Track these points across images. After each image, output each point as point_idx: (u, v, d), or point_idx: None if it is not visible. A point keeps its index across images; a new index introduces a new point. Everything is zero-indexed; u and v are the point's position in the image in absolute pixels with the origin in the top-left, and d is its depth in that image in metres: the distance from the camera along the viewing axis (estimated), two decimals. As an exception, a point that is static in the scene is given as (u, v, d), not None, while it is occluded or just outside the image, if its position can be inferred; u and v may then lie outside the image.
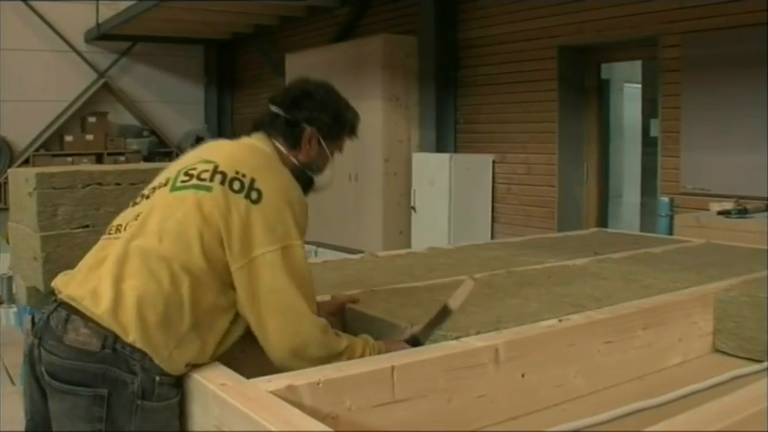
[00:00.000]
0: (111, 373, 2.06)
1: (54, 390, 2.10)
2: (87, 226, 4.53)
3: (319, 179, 2.66)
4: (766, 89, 6.23)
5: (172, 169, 2.42)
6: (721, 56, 6.63)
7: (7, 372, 4.97)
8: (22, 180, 3.87)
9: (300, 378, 1.95)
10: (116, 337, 2.07)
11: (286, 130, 2.53)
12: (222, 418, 1.88)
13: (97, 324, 2.09)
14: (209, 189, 2.24)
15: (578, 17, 7.91)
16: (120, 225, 2.34)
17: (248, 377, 1.99)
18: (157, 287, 2.12)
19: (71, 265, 2.47)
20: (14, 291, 5.71)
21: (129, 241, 2.22)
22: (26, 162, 13.08)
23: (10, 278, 6.87)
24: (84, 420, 2.06)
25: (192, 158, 2.42)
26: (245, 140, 2.55)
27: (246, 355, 2.53)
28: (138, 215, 2.30)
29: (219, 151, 2.44)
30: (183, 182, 2.30)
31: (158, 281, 2.13)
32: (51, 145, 13.72)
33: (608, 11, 7.60)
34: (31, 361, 2.20)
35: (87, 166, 6.20)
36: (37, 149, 13.49)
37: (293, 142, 2.53)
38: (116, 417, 2.06)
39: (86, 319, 2.10)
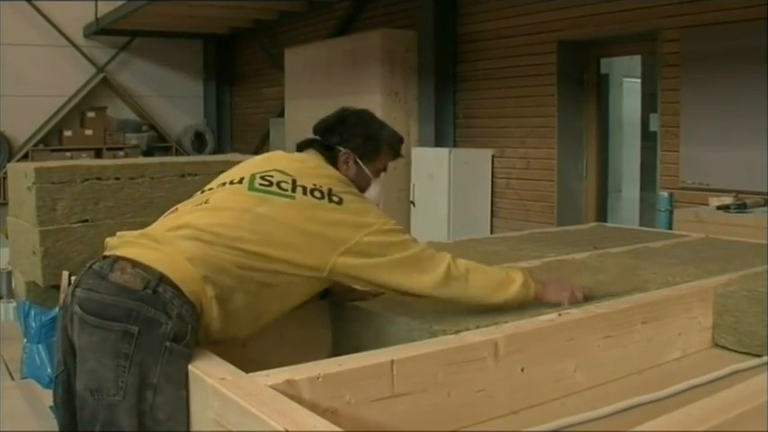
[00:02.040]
0: (147, 312, 2.10)
1: (85, 324, 2.13)
2: (86, 220, 4.53)
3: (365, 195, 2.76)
4: (766, 84, 6.23)
5: (240, 171, 2.55)
6: (721, 51, 6.63)
7: (6, 366, 4.97)
8: (21, 175, 3.87)
9: (300, 372, 1.95)
10: (160, 280, 2.14)
11: (324, 153, 2.72)
12: (222, 412, 1.88)
13: (145, 268, 2.16)
14: (292, 197, 2.38)
15: (577, 12, 7.91)
16: (177, 208, 2.46)
17: (248, 372, 1.99)
18: (213, 252, 2.23)
19: (70, 259, 2.47)
20: (14, 285, 5.70)
21: (189, 214, 2.36)
22: (25, 157, 13.09)
23: (9, 273, 6.87)
24: (110, 355, 2.08)
25: (262, 165, 2.56)
26: (307, 156, 2.74)
27: (246, 349, 2.53)
28: (205, 200, 2.42)
29: (291, 163, 2.57)
30: (262, 185, 2.42)
31: (216, 253, 2.24)
32: (50, 140, 13.72)
33: (607, 5, 7.60)
34: (65, 310, 2.25)
35: (86, 161, 6.20)
36: (36, 144, 13.50)
37: (332, 164, 2.68)
38: (142, 356, 2.08)
39: (135, 263, 2.17)
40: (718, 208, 5.79)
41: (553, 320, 2.45)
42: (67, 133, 13.73)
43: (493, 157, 9.05)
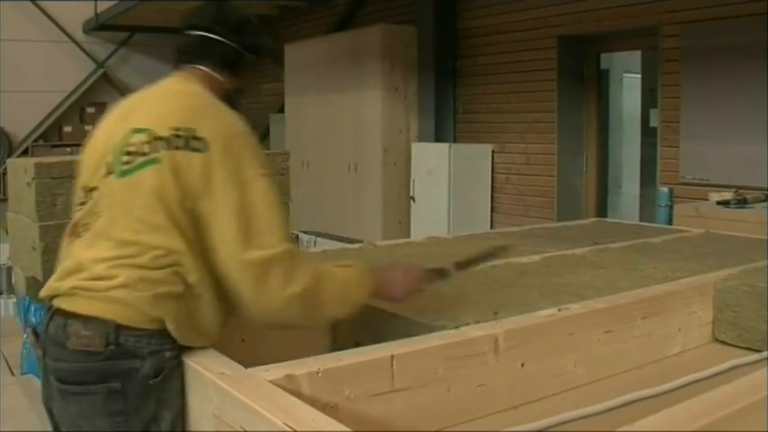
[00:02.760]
0: (120, 366, 2.04)
1: (67, 393, 2.07)
2: (86, 216, 4.53)
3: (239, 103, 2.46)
4: (766, 79, 6.22)
5: (104, 143, 2.28)
6: (721, 46, 6.62)
7: (7, 362, 4.97)
8: (20, 170, 3.85)
9: (299, 367, 1.95)
10: (117, 330, 2.04)
11: (226, 56, 2.39)
12: (221, 407, 1.88)
13: (98, 323, 2.04)
14: (156, 160, 2.11)
15: (578, 7, 7.91)
16: (78, 225, 2.26)
17: (247, 367, 1.99)
18: (141, 270, 2.07)
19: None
20: (13, 281, 5.70)
21: (96, 237, 2.16)
22: (25, 153, 13.09)
23: (9, 268, 6.86)
24: (103, 416, 2.05)
25: (120, 127, 2.25)
26: (167, 86, 2.39)
27: (246, 344, 2.53)
28: (94, 213, 2.20)
29: (147, 112, 2.26)
30: (126, 163, 2.16)
31: (141, 265, 2.07)
32: (50, 136, 13.71)
33: (607, 0, 7.60)
34: (44, 370, 2.18)
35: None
36: (36, 140, 13.49)
37: (231, 70, 2.41)
38: (134, 404, 2.05)
39: (84, 319, 2.06)
40: (719, 203, 5.79)
41: (553, 315, 2.44)
42: (67, 129, 13.72)
43: (493, 152, 9.05)
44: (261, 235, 2.10)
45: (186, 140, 2.11)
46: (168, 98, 2.31)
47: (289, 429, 1.59)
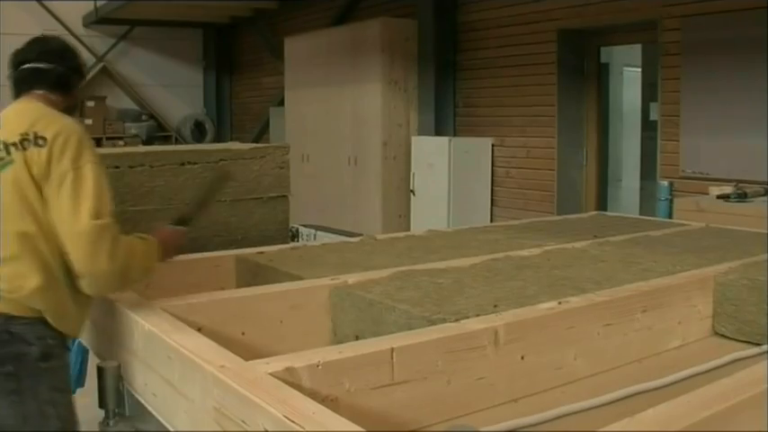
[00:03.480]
0: (12, 351, 2.45)
1: None
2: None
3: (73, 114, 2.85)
4: (766, 73, 6.22)
5: None
6: (721, 39, 6.61)
7: None
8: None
9: (299, 360, 1.95)
10: (7, 320, 2.45)
11: (56, 80, 2.78)
12: (222, 399, 1.88)
13: None
14: (12, 161, 2.50)
15: (578, 0, 7.89)
16: None
17: (247, 359, 1.99)
18: (14, 263, 2.46)
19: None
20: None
21: None
22: (24, 146, 13.06)
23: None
24: (2, 396, 2.45)
25: None
26: (14, 107, 2.74)
27: (245, 337, 2.53)
28: None
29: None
30: None
31: (12, 257, 2.46)
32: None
33: (608, -6, 7.59)
34: None
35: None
36: (35, 133, 13.46)
37: (62, 89, 2.79)
38: (27, 385, 2.46)
39: None
40: (719, 197, 5.79)
41: (553, 308, 2.45)
42: (67, 122, 13.70)
43: (493, 145, 9.04)
44: (89, 210, 2.42)
45: (33, 140, 2.51)
46: (14, 115, 2.67)
47: (289, 422, 1.59)
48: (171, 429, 2.24)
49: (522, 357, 2.29)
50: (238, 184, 4.19)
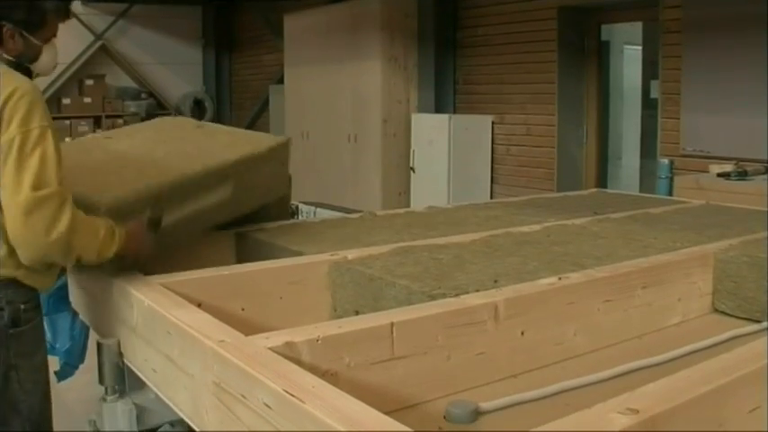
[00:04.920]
0: None
1: None
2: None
3: (37, 66, 2.70)
4: (767, 51, 6.20)
5: None
6: (722, 17, 6.59)
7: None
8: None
9: (299, 335, 1.94)
10: None
11: (26, 16, 2.57)
12: (221, 374, 1.87)
13: None
14: None
15: (579, -23, 7.86)
16: None
17: (247, 335, 1.99)
18: None
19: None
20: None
21: None
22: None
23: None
24: None
25: None
26: None
27: (245, 312, 2.53)
28: None
29: None
30: None
31: None
32: (49, 108, 13.55)
33: (609, -29, 7.56)
34: None
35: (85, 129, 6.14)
36: (34, 112, 13.43)
37: (29, 28, 2.59)
38: None
39: None
40: (719, 175, 5.79)
41: (553, 284, 2.44)
42: (66, 101, 13.68)
43: (493, 123, 9.02)
44: (30, 180, 2.29)
45: None
46: None
47: (289, 396, 1.59)
48: (171, 405, 2.25)
49: (522, 333, 2.29)
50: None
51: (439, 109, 9.45)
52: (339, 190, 10.11)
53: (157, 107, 14.65)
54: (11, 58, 2.58)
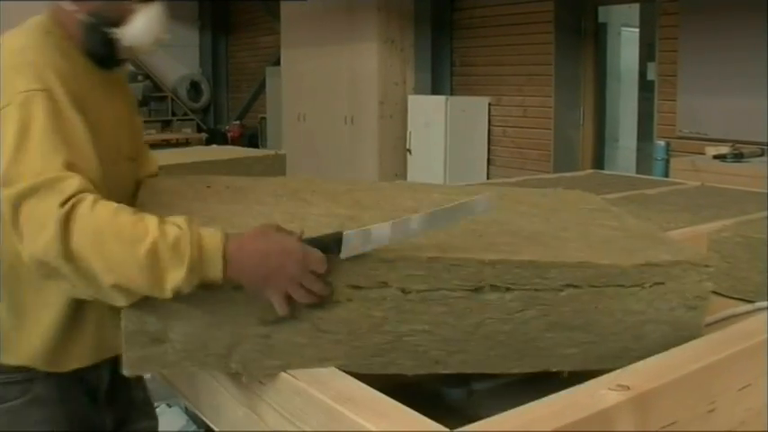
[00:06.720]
0: None
1: None
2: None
3: (123, 33, 1.98)
4: (765, 33, 6.19)
5: None
6: (720, -2, 6.59)
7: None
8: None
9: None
10: None
11: None
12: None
13: None
14: None
15: (576, -42, 7.85)
16: None
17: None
18: None
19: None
20: None
21: None
22: (20, 107, 13.01)
23: None
24: None
25: None
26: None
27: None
28: None
29: None
30: None
31: None
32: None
33: (606, -48, 7.54)
34: None
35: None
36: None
37: None
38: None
39: None
40: (715, 157, 5.80)
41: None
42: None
43: (490, 105, 9.03)
44: (21, 163, 1.60)
45: None
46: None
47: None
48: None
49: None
50: None
51: (436, 91, 9.45)
52: (336, 172, 10.11)
53: (154, 89, 14.62)
54: (84, 17, 1.91)
